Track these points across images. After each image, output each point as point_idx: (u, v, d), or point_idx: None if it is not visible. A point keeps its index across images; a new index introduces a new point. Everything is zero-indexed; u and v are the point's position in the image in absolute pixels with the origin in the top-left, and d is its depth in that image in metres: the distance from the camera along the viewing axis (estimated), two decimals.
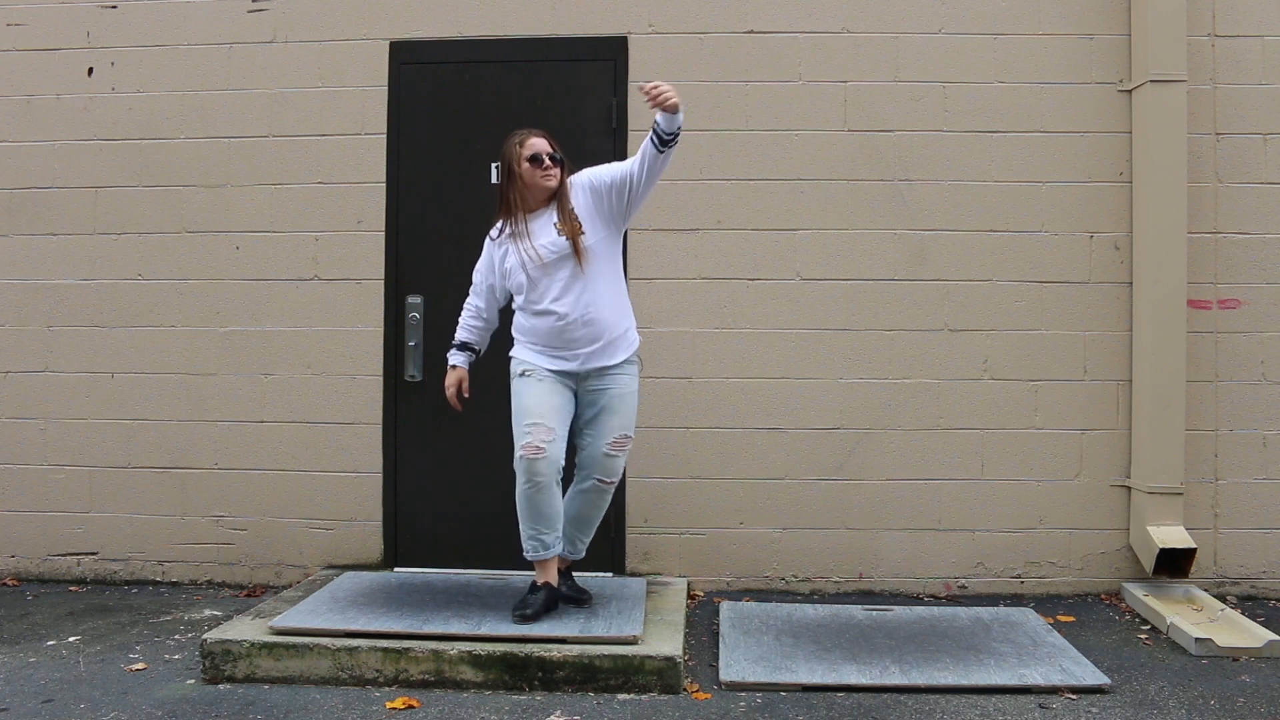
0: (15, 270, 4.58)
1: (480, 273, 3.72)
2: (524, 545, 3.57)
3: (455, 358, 3.74)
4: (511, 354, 3.64)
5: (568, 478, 3.62)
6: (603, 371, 3.56)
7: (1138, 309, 4.26)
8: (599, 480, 3.61)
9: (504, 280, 3.62)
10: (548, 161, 3.54)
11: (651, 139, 3.45)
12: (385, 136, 4.45)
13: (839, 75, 4.36)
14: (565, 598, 3.68)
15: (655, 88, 3.34)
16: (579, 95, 4.41)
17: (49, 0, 4.57)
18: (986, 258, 4.33)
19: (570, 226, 3.51)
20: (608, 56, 4.42)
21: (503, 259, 3.60)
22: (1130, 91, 4.30)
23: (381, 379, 4.44)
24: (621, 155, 4.37)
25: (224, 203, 4.51)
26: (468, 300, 3.76)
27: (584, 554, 3.77)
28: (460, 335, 3.76)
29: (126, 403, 4.54)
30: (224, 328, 4.51)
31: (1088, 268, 4.33)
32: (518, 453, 3.49)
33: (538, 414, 3.49)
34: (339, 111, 4.47)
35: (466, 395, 3.72)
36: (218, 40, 4.51)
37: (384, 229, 4.45)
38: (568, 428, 3.56)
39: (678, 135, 3.46)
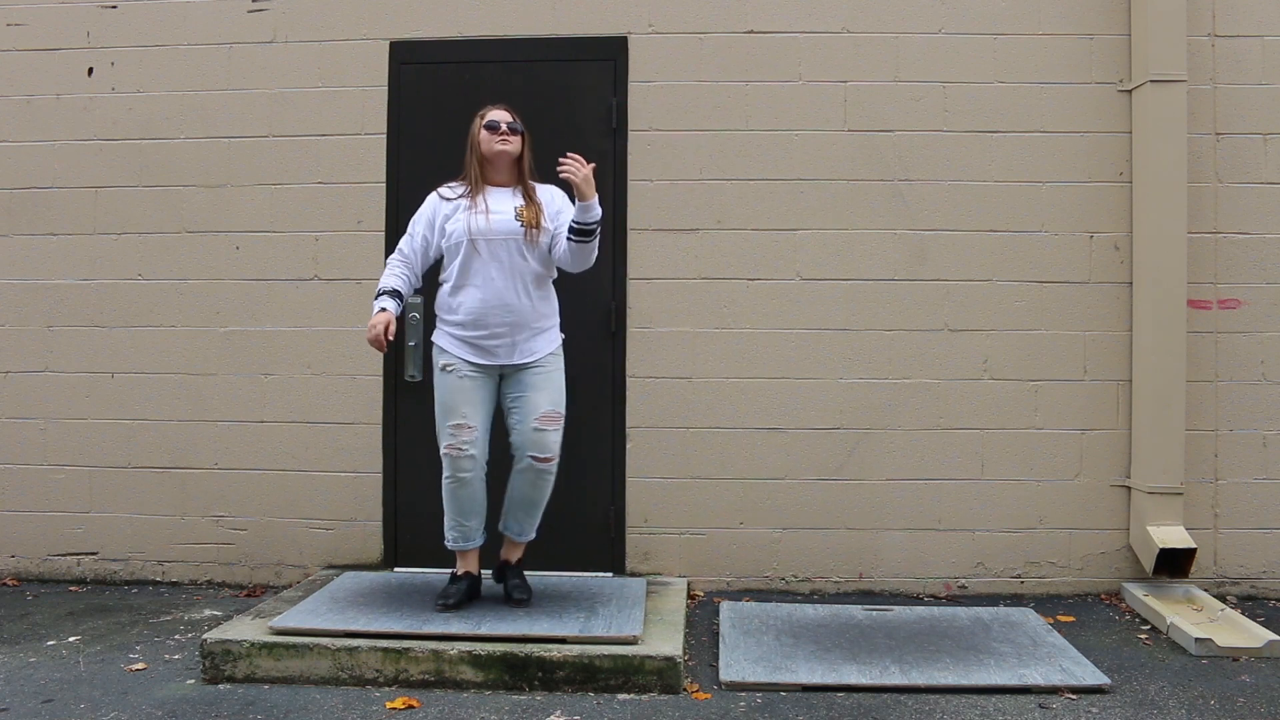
0: (15, 270, 4.58)
1: (419, 224, 3.66)
2: (446, 535, 3.69)
3: (385, 302, 3.56)
4: (434, 339, 3.68)
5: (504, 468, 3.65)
6: (522, 366, 3.60)
7: (1138, 309, 4.26)
8: (533, 458, 3.58)
9: (441, 239, 3.60)
10: (504, 128, 3.60)
11: (569, 227, 3.51)
12: (385, 136, 4.45)
13: (839, 75, 4.36)
14: (508, 597, 3.71)
15: (565, 161, 3.40)
16: (579, 95, 4.41)
17: (49, 0, 4.57)
18: (986, 258, 4.33)
19: (532, 215, 3.55)
20: (608, 56, 4.42)
21: (447, 218, 3.59)
22: (1130, 91, 4.30)
23: (381, 379, 4.44)
24: (622, 155, 4.38)
25: (224, 203, 4.51)
26: (395, 253, 3.68)
27: (533, 535, 3.74)
28: (389, 283, 3.59)
29: (126, 403, 4.54)
30: (224, 328, 4.51)
31: (1088, 268, 4.33)
32: (442, 449, 3.58)
33: (460, 413, 3.56)
34: (339, 111, 4.47)
35: (392, 339, 3.52)
36: (218, 40, 4.51)
37: (384, 229, 4.44)
38: (490, 420, 3.63)
39: (595, 227, 3.48)
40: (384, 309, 3.55)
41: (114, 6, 4.56)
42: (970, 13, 4.34)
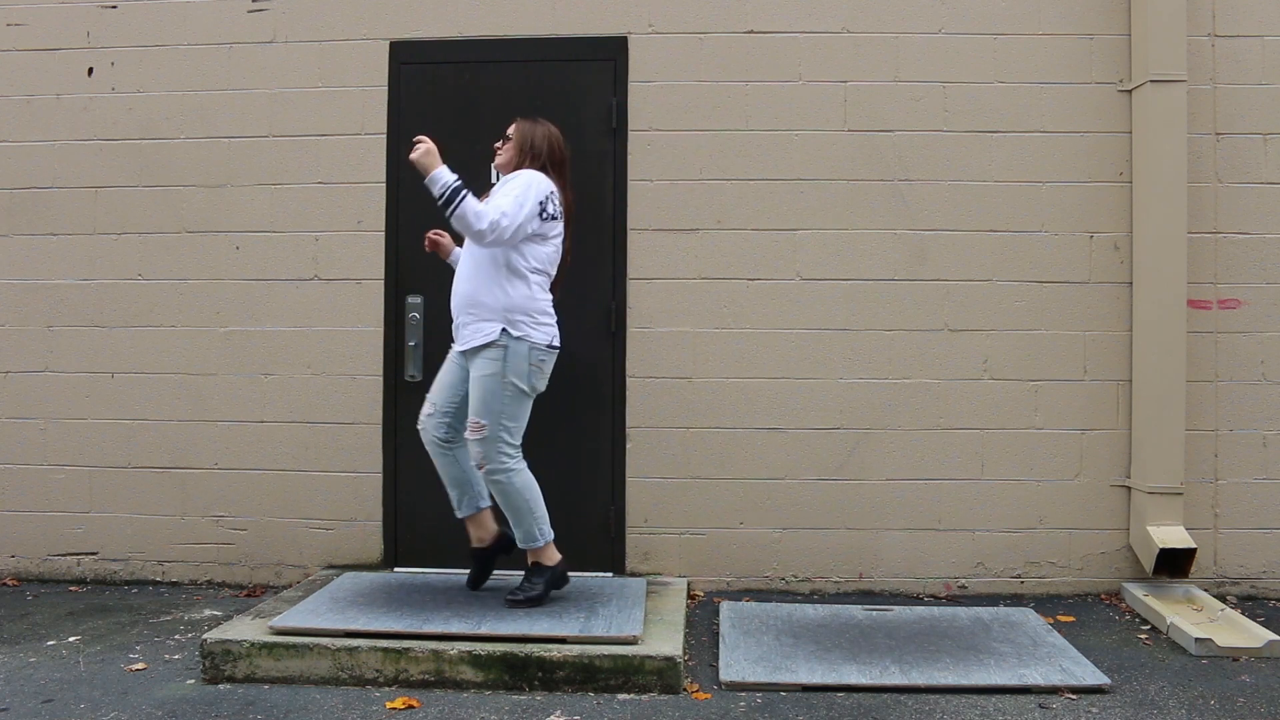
0: (15, 270, 4.58)
1: None
2: None
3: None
4: None
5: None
6: (467, 354, 3.66)
7: (1138, 309, 4.26)
8: (475, 465, 3.68)
9: None
10: (501, 141, 3.78)
11: None
12: (385, 136, 4.45)
13: (839, 75, 4.36)
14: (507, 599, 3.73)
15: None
16: (579, 95, 4.41)
17: (49, 0, 4.57)
18: (986, 258, 4.33)
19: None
20: (608, 56, 4.42)
21: None
22: (1130, 91, 4.30)
23: (381, 379, 4.44)
24: (622, 155, 4.38)
25: (224, 203, 4.51)
26: None
27: (531, 543, 3.66)
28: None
29: (126, 403, 4.54)
30: (224, 328, 4.51)
31: (1088, 268, 4.33)
32: None
33: (432, 391, 3.80)
34: (339, 111, 4.47)
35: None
36: (218, 40, 4.51)
37: (384, 229, 4.45)
38: (456, 404, 3.73)
39: (441, 197, 3.42)
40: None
41: (114, 6, 4.56)
42: (970, 13, 4.34)
